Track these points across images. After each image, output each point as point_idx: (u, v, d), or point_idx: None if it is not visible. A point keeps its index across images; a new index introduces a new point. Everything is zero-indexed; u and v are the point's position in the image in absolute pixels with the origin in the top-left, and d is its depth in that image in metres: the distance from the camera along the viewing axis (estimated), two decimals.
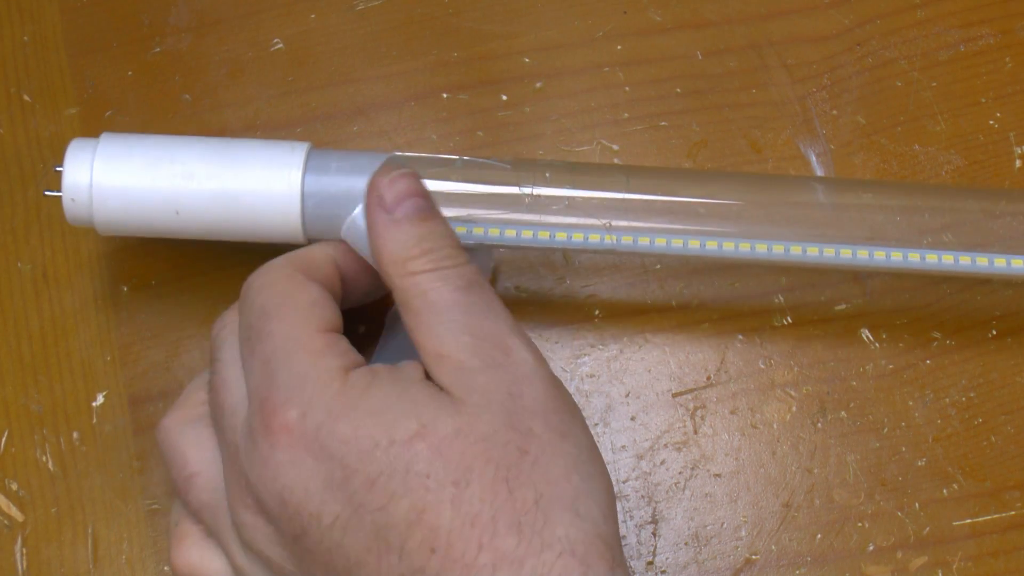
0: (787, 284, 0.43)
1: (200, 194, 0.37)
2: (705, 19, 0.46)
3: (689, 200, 0.38)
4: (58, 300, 0.43)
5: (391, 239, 0.35)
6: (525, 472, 0.31)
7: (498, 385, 0.33)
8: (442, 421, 0.32)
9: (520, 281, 0.43)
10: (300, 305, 0.34)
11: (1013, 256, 0.38)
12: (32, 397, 0.42)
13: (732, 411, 0.41)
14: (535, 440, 0.32)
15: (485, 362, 0.33)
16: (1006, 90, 0.45)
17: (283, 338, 0.33)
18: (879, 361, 0.42)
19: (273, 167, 0.37)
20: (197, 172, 0.37)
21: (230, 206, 0.38)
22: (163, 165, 0.38)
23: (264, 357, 0.33)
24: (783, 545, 0.40)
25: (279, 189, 0.37)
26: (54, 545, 0.40)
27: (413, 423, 0.32)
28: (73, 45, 0.46)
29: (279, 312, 0.34)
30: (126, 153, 0.38)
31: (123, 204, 0.38)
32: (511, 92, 0.45)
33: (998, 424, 0.41)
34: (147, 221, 0.38)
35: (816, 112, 0.45)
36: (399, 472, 0.31)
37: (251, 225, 0.38)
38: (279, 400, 0.32)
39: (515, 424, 0.32)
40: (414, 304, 0.34)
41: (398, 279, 0.34)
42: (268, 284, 0.35)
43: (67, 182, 0.38)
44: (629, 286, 0.43)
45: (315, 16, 0.46)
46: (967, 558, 0.40)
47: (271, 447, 0.32)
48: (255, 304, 0.35)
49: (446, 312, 0.33)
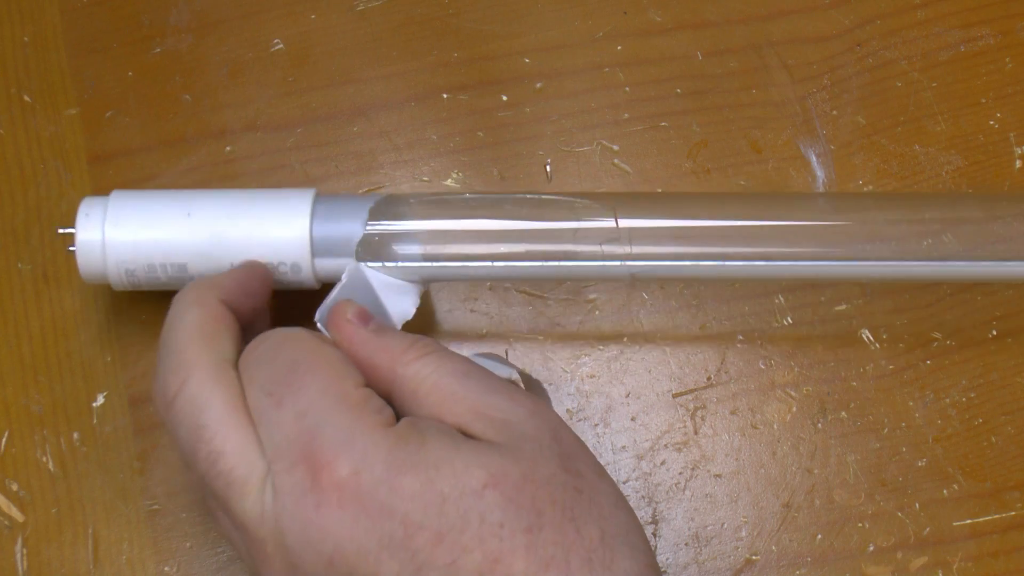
0: (787, 284, 0.43)
1: (211, 247, 0.38)
2: (705, 19, 0.46)
3: (696, 224, 0.39)
4: (58, 300, 0.43)
5: (381, 341, 0.35)
6: (585, 511, 0.32)
7: (543, 432, 0.33)
8: (508, 468, 0.31)
9: (520, 282, 0.43)
10: (333, 360, 0.34)
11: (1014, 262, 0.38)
12: (32, 398, 0.42)
13: (732, 411, 0.41)
14: (585, 480, 0.32)
15: (526, 412, 0.33)
16: (1006, 90, 0.45)
17: (320, 392, 0.32)
18: (879, 361, 0.42)
19: (281, 216, 0.38)
20: (208, 226, 0.38)
21: (243, 258, 0.38)
22: (174, 221, 0.38)
23: (299, 410, 0.32)
24: (783, 545, 0.40)
25: (289, 236, 0.38)
26: (54, 545, 0.40)
27: (482, 472, 0.31)
28: (73, 45, 0.46)
29: (312, 365, 0.33)
30: (136, 212, 0.38)
31: (136, 262, 0.38)
32: (511, 92, 0.45)
33: (998, 424, 0.41)
34: (161, 278, 0.38)
35: (816, 112, 0.45)
36: (472, 524, 0.30)
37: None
38: (328, 456, 0.31)
39: (567, 466, 0.32)
40: (427, 383, 0.34)
41: (402, 368, 0.34)
42: (292, 339, 0.34)
43: (80, 241, 0.38)
44: (629, 286, 0.43)
45: (315, 16, 0.46)
46: (967, 558, 0.40)
47: (318, 506, 0.31)
48: (281, 357, 0.33)
49: (465, 379, 0.34)
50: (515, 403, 0.33)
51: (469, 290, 0.43)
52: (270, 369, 0.33)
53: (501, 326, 0.42)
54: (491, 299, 0.43)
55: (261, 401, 0.33)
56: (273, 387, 0.33)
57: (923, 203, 0.39)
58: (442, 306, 0.42)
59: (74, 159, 0.44)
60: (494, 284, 0.43)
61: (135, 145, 0.44)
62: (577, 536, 0.31)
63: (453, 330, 0.42)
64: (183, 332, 0.34)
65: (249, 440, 0.32)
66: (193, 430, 0.33)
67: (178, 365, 0.33)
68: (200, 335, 0.34)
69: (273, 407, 0.32)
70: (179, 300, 0.35)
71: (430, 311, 0.42)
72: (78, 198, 0.44)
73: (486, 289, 0.43)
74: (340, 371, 0.33)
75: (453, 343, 0.42)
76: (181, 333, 0.34)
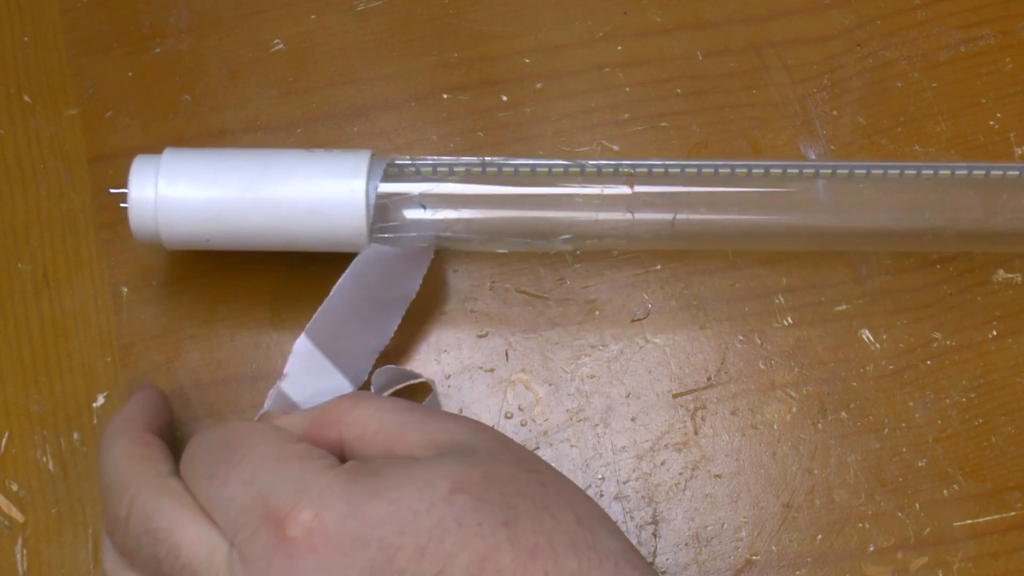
0: (787, 284, 0.43)
1: (264, 204, 0.38)
2: (705, 19, 0.46)
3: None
4: (58, 300, 0.43)
5: (318, 407, 0.36)
6: (555, 499, 0.32)
7: (492, 442, 0.34)
8: (470, 472, 0.31)
9: (520, 282, 0.43)
10: (265, 429, 0.34)
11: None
12: (32, 398, 0.42)
13: (732, 412, 0.41)
14: (545, 476, 0.33)
15: (473, 429, 0.34)
16: (1006, 90, 0.45)
17: (261, 456, 0.32)
18: (879, 361, 0.42)
19: (337, 175, 0.38)
20: (260, 184, 0.38)
21: (296, 217, 0.38)
22: (226, 178, 0.38)
23: (245, 479, 0.32)
24: (783, 546, 0.40)
25: (344, 197, 0.38)
26: (54, 546, 0.40)
27: (446, 480, 0.31)
28: (73, 45, 0.46)
29: (247, 438, 0.33)
30: (188, 168, 0.39)
31: (188, 218, 0.39)
32: (511, 93, 0.45)
33: (998, 424, 0.41)
34: (212, 233, 0.39)
35: (816, 113, 0.45)
36: (451, 529, 0.30)
37: (317, 233, 0.39)
38: (286, 508, 0.31)
39: (525, 466, 0.33)
40: (372, 425, 0.34)
41: (346, 416, 0.35)
42: (222, 427, 0.35)
43: (132, 198, 0.39)
44: (629, 286, 0.43)
45: (315, 17, 0.46)
46: (967, 559, 0.40)
47: (290, 557, 0.30)
48: (216, 443, 0.34)
49: (407, 413, 0.34)
50: (460, 423, 0.34)
51: (469, 290, 0.43)
52: (206, 457, 0.33)
53: (501, 326, 0.42)
54: (491, 299, 0.43)
55: (207, 487, 0.33)
56: (214, 470, 0.33)
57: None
58: (442, 306, 0.42)
59: (74, 159, 0.44)
60: (494, 284, 0.43)
61: (135, 145, 0.44)
62: (554, 522, 0.31)
63: (453, 330, 0.42)
64: (117, 462, 0.35)
65: (204, 526, 0.32)
66: (149, 538, 0.33)
67: (122, 490, 0.34)
68: (134, 459, 0.35)
69: (220, 486, 0.32)
70: (102, 439, 0.36)
71: (430, 311, 0.42)
72: (78, 198, 0.44)
73: (486, 289, 0.43)
74: (275, 435, 0.34)
75: (453, 343, 0.42)
76: (115, 464, 0.35)
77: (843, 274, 0.43)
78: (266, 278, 0.43)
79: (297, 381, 0.38)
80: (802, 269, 0.43)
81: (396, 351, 0.41)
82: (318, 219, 0.38)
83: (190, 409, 0.41)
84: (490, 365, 0.42)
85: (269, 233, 0.39)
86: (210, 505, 0.33)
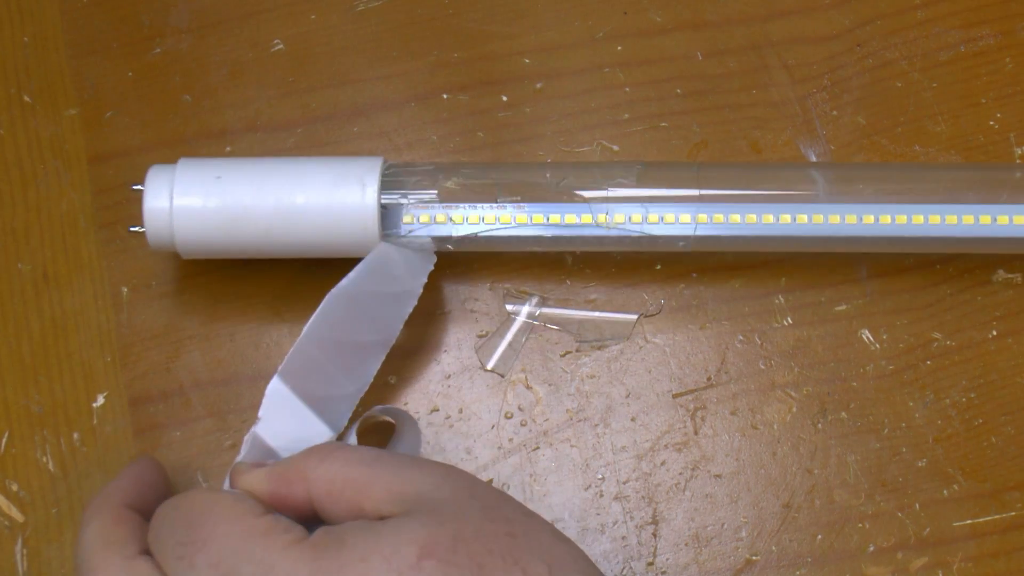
0: (787, 284, 0.43)
1: (278, 212, 0.39)
2: (705, 19, 0.46)
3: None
4: (58, 300, 0.43)
5: (285, 463, 0.35)
6: (525, 551, 0.32)
7: (459, 491, 0.33)
8: (436, 535, 0.31)
9: (521, 283, 0.43)
10: (227, 502, 0.34)
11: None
12: (32, 398, 0.42)
13: (732, 412, 0.41)
14: (515, 524, 0.33)
15: (439, 477, 0.34)
16: (1006, 90, 0.45)
17: (224, 535, 0.32)
18: (879, 361, 0.42)
19: (349, 182, 0.39)
20: (273, 192, 0.39)
21: (309, 224, 0.39)
22: (240, 187, 0.39)
23: (211, 562, 0.32)
24: (783, 546, 0.40)
25: (356, 203, 0.39)
26: (54, 545, 0.40)
27: (412, 547, 0.31)
28: (73, 45, 0.46)
29: (209, 514, 0.33)
30: (203, 177, 0.39)
31: (203, 226, 0.39)
32: (511, 93, 0.45)
33: (998, 425, 0.41)
34: (228, 242, 0.39)
35: (816, 113, 0.45)
36: None
37: (329, 239, 0.39)
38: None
39: (492, 516, 0.33)
40: (339, 479, 0.34)
41: (313, 472, 0.34)
42: (184, 499, 0.34)
43: (148, 208, 0.39)
44: (630, 287, 0.43)
45: (315, 16, 0.46)
46: (967, 559, 0.40)
47: None
48: (179, 519, 0.33)
49: (374, 464, 0.34)
50: (426, 472, 0.34)
51: (469, 290, 0.43)
52: (172, 534, 0.33)
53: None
54: (491, 299, 0.43)
55: (177, 568, 0.32)
56: (181, 550, 0.32)
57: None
58: (442, 306, 0.42)
59: (74, 159, 0.44)
60: (494, 284, 0.43)
61: (135, 145, 0.44)
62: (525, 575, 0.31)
63: (453, 330, 0.42)
64: (88, 544, 0.34)
65: None
66: None
67: (88, 574, 0.34)
68: (103, 542, 0.34)
69: (188, 569, 0.32)
70: (84, 515, 0.36)
71: (430, 311, 0.42)
72: (78, 198, 0.44)
73: (486, 289, 0.43)
74: (238, 509, 0.33)
75: (453, 343, 0.42)
76: (86, 546, 0.34)
77: (843, 274, 0.43)
78: (266, 278, 0.43)
79: (272, 426, 0.38)
80: (802, 269, 0.43)
81: (396, 351, 0.41)
82: (331, 226, 0.39)
83: (190, 409, 0.41)
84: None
85: (283, 240, 0.39)
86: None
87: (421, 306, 0.40)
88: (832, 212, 0.40)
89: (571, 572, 0.32)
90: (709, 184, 0.40)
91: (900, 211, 0.40)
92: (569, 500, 0.40)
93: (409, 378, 0.42)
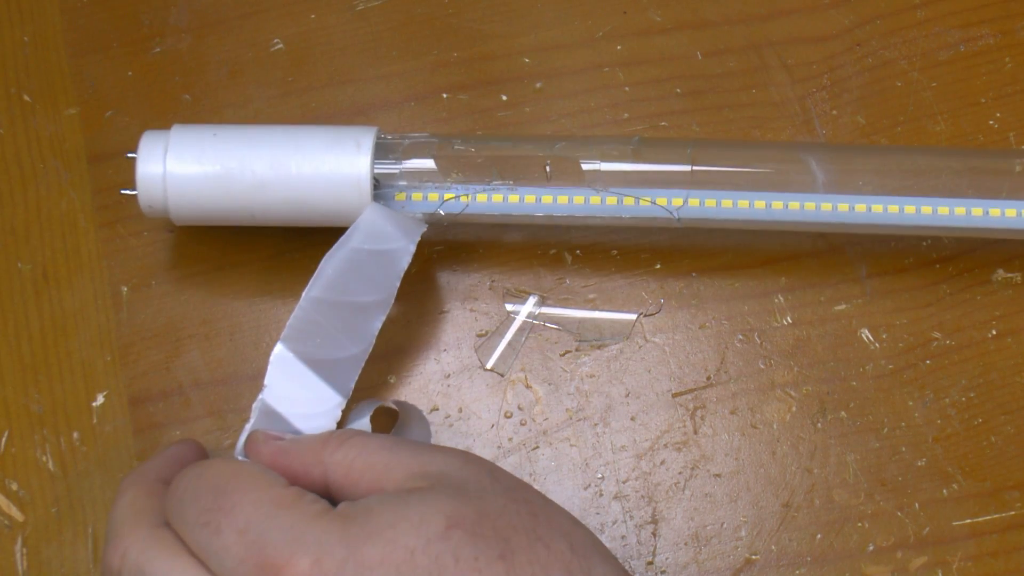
0: (787, 284, 0.43)
1: (272, 177, 0.39)
2: (705, 19, 0.46)
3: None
4: (58, 300, 0.43)
5: (302, 443, 0.36)
6: (547, 529, 0.32)
7: (480, 474, 0.34)
8: (462, 509, 0.32)
9: (520, 281, 0.43)
10: (254, 472, 0.34)
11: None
12: (32, 397, 0.42)
13: (732, 411, 0.41)
14: (535, 505, 0.33)
15: (460, 460, 0.34)
16: (1006, 90, 0.45)
17: (253, 504, 0.32)
18: (879, 361, 0.42)
19: (343, 150, 0.39)
20: (267, 157, 0.39)
21: (301, 190, 0.39)
22: (233, 152, 0.39)
23: (239, 529, 0.32)
24: (783, 545, 0.40)
25: (348, 171, 0.39)
26: (54, 545, 0.40)
27: (440, 517, 0.31)
28: (73, 45, 0.46)
29: (236, 483, 0.33)
30: (197, 143, 0.39)
31: (197, 192, 0.39)
32: (511, 92, 0.45)
33: (998, 424, 0.41)
34: (221, 207, 0.39)
35: (816, 112, 0.45)
36: (448, 566, 0.30)
37: (322, 209, 0.39)
38: (284, 557, 0.31)
39: (514, 497, 0.33)
40: (358, 463, 0.34)
41: (330, 456, 0.34)
42: (207, 468, 0.34)
43: (141, 173, 0.39)
44: (629, 286, 0.43)
45: (315, 16, 0.46)
46: (967, 558, 0.40)
47: None
48: (203, 488, 0.33)
49: (394, 448, 0.34)
50: (447, 455, 0.34)
51: (469, 290, 0.43)
52: (196, 503, 0.33)
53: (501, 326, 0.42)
54: (490, 299, 0.43)
55: (200, 536, 0.32)
56: (206, 517, 0.32)
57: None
58: (442, 306, 0.42)
59: (74, 159, 0.44)
60: (494, 284, 0.43)
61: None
62: (549, 552, 0.31)
63: (452, 329, 0.42)
64: (118, 512, 0.35)
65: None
66: None
67: (116, 541, 0.34)
68: (132, 511, 0.34)
69: (212, 536, 0.32)
70: (120, 486, 0.36)
71: (430, 311, 0.42)
72: (78, 198, 0.44)
73: (486, 289, 0.43)
74: (264, 479, 0.33)
75: (453, 343, 0.42)
76: (117, 514, 0.35)
77: (843, 274, 0.43)
78: (267, 278, 0.43)
79: (279, 392, 0.38)
80: (802, 269, 0.43)
81: (397, 350, 0.41)
82: (324, 189, 0.39)
83: (190, 408, 0.41)
84: None
85: (276, 205, 0.39)
86: (204, 554, 0.32)
87: (421, 306, 0.40)
88: (827, 200, 0.40)
89: (591, 552, 0.32)
90: (702, 162, 0.40)
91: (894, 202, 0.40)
92: (569, 499, 0.40)
93: (408, 377, 0.42)
